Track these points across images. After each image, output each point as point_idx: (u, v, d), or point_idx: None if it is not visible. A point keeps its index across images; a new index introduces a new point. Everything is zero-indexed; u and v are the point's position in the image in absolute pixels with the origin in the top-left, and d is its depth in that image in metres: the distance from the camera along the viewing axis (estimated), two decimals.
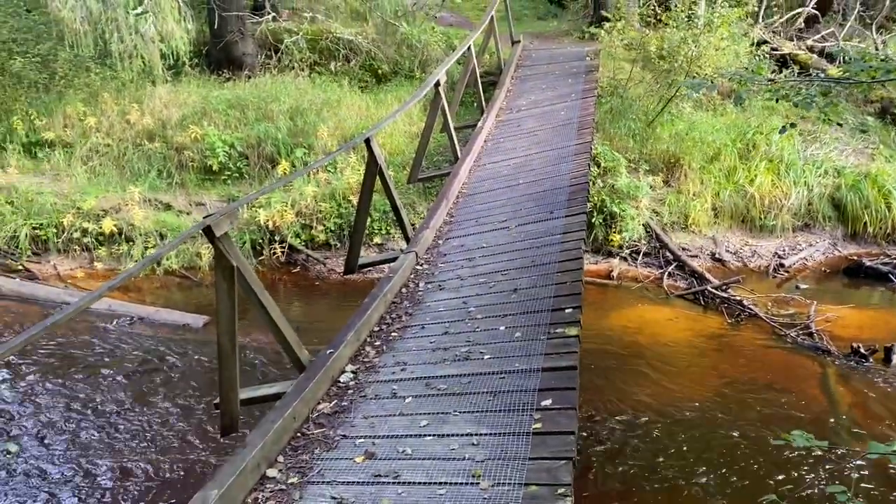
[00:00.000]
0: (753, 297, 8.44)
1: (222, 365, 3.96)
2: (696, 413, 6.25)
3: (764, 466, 5.53)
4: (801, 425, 6.06)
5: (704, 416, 6.22)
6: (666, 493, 5.26)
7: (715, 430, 6.01)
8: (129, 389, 6.74)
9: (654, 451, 5.73)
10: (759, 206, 10.09)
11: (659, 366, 7.06)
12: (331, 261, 9.51)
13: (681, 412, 6.27)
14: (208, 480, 2.95)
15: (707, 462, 5.60)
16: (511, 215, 6.31)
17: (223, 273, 3.82)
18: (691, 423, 6.10)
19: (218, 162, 9.93)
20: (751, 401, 6.46)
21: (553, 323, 4.26)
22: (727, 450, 5.75)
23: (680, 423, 6.09)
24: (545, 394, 3.53)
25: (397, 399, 3.76)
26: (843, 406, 6.44)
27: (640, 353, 7.31)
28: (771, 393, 6.62)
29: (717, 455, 5.69)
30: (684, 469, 5.54)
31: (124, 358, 7.32)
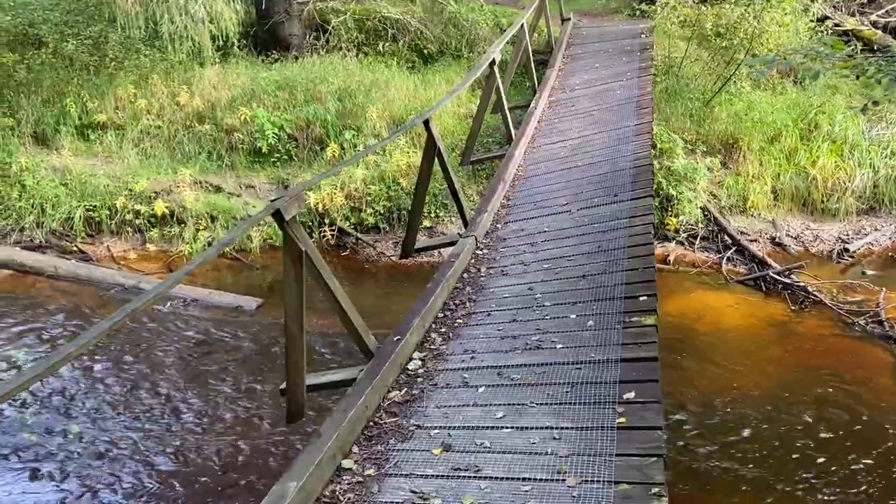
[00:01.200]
0: (817, 283, 8.13)
1: (289, 350, 3.89)
2: (764, 405, 6.04)
3: (838, 460, 5.31)
4: (875, 417, 5.85)
5: (772, 407, 6.00)
6: (736, 487, 5.08)
7: (783, 422, 5.80)
8: (185, 371, 6.77)
9: (721, 445, 5.54)
10: (821, 188, 9.71)
11: (721, 354, 6.85)
12: (380, 244, 9.43)
13: (747, 404, 6.06)
14: (284, 472, 2.87)
15: (778, 456, 5.40)
16: (572, 199, 6.12)
17: (291, 258, 3.74)
18: (759, 416, 5.88)
19: (267, 144, 9.89)
20: (820, 392, 6.22)
21: (628, 311, 4.10)
22: (796, 443, 5.54)
23: (746, 416, 5.89)
24: (627, 386, 3.38)
25: (470, 388, 3.65)
26: None
27: (700, 340, 7.09)
28: (840, 384, 6.36)
29: (786, 449, 5.48)
30: (755, 464, 5.35)
31: (180, 340, 7.35)
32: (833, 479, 5.15)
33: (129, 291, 8.40)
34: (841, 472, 5.21)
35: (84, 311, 7.93)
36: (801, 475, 5.18)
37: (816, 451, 5.42)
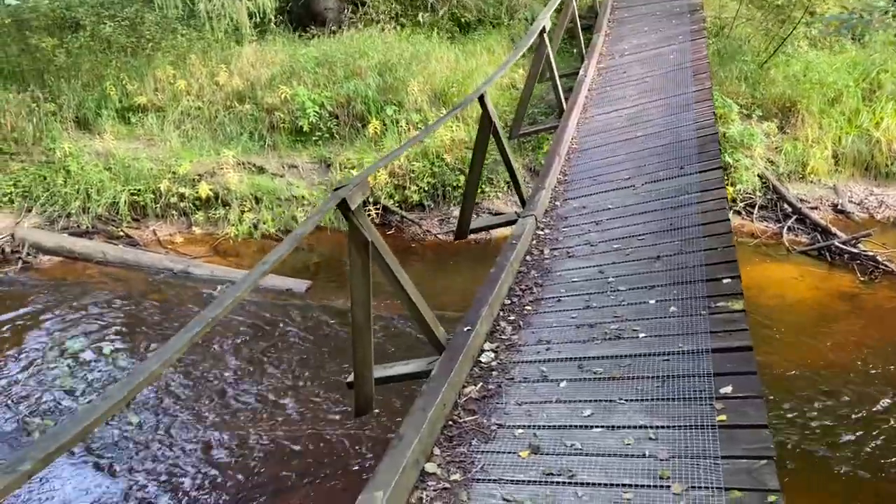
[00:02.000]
0: (887, 252, 7.75)
1: (357, 343, 3.74)
2: (840, 383, 5.77)
3: None
4: None
5: (847, 386, 5.73)
6: (820, 472, 4.85)
7: (861, 400, 5.53)
8: (240, 357, 6.70)
9: (797, 426, 5.30)
10: (885, 151, 9.26)
11: (789, 330, 6.56)
12: (426, 222, 9.25)
13: (821, 383, 5.79)
14: (369, 480, 2.73)
15: (858, 437, 5.14)
16: (634, 172, 5.84)
17: (357, 248, 3.57)
18: (836, 395, 5.62)
19: (308, 122, 9.71)
20: (893, 370, 5.92)
21: (711, 296, 3.85)
22: (881, 424, 5.27)
23: (823, 395, 5.63)
24: (722, 379, 3.15)
25: (550, 383, 3.46)
26: None
27: (766, 315, 6.80)
28: None
29: (869, 430, 5.22)
30: (833, 445, 5.11)
31: (231, 325, 7.28)
32: None
33: (178, 276, 8.36)
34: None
35: (135, 297, 7.91)
36: (888, 459, 4.92)
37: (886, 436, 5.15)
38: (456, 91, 9.88)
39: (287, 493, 4.91)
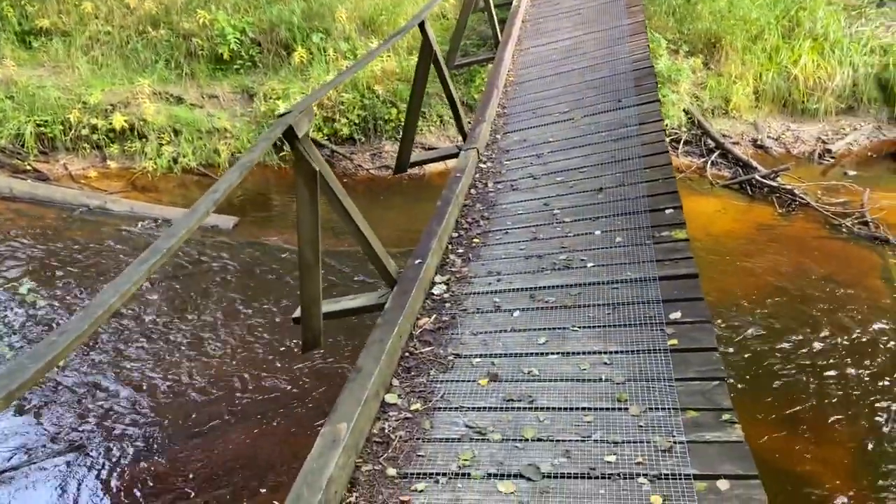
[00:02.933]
0: (803, 186, 8.13)
1: (304, 277, 3.64)
2: (761, 309, 6.08)
3: (840, 362, 5.40)
4: (869, 318, 5.96)
5: (770, 312, 6.05)
6: (742, 393, 5.13)
7: (782, 327, 5.85)
8: (169, 298, 6.47)
9: (733, 343, 5.59)
10: (801, 88, 9.60)
11: (714, 260, 6.83)
12: (357, 156, 9.05)
13: (744, 309, 6.09)
14: (331, 413, 2.69)
15: (779, 359, 5.47)
16: (573, 105, 5.84)
17: (305, 179, 3.44)
18: (757, 320, 5.92)
19: (229, 50, 9.23)
20: (814, 295, 6.28)
21: (655, 225, 3.94)
22: (797, 346, 5.61)
23: (744, 321, 5.92)
24: (671, 305, 3.25)
25: (503, 313, 3.48)
26: None
27: (693, 246, 7.04)
28: (833, 286, 6.43)
29: (789, 354, 5.55)
30: (755, 367, 5.41)
31: None
32: (834, 381, 5.24)
33: (95, 212, 7.94)
34: (842, 374, 5.30)
35: (49, 235, 7.47)
36: (805, 379, 5.25)
37: (817, 355, 5.49)
38: (386, 20, 9.58)
39: (230, 431, 4.84)
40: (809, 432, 4.84)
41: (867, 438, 4.72)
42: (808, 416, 4.96)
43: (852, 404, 5.03)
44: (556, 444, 2.57)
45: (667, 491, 2.28)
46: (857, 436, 4.76)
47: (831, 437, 4.80)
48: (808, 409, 5.04)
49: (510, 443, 2.61)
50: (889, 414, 4.88)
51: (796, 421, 4.90)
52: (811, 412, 5.01)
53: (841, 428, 4.86)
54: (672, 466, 2.37)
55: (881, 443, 4.68)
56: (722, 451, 2.39)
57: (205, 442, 4.82)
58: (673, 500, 2.24)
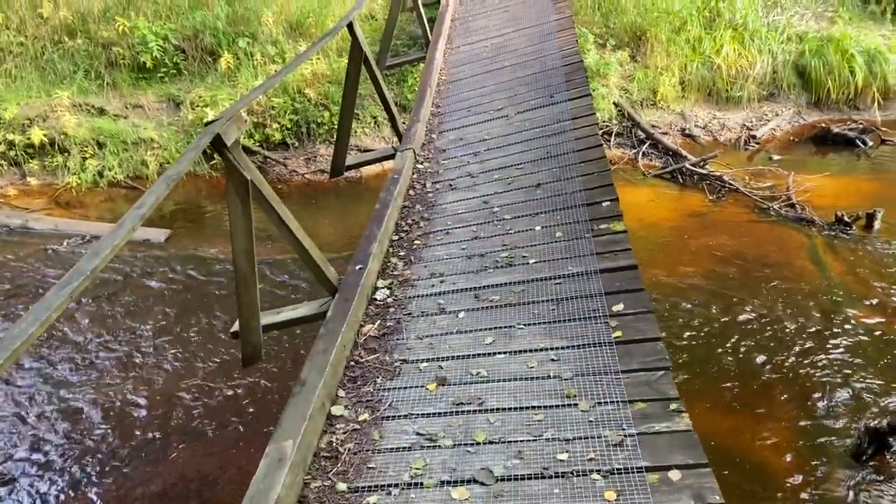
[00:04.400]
0: (731, 172, 8.36)
1: (241, 289, 3.54)
2: (699, 295, 6.21)
3: (777, 342, 5.57)
4: (800, 298, 6.16)
5: (707, 297, 6.19)
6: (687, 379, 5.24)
7: (721, 311, 5.99)
8: (101, 316, 6.21)
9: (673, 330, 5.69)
10: (725, 77, 9.87)
11: (650, 249, 6.96)
12: (291, 161, 8.89)
13: (682, 294, 6.22)
14: (276, 429, 2.60)
15: (720, 343, 5.59)
16: (506, 102, 5.85)
17: (236, 188, 3.33)
18: (695, 306, 6.05)
19: (152, 58, 8.93)
20: (747, 278, 6.46)
21: (593, 219, 3.97)
22: (735, 329, 5.75)
23: (684, 307, 6.04)
24: (613, 298, 3.27)
25: (449, 315, 3.44)
26: (836, 276, 6.51)
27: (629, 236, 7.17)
28: (764, 268, 6.63)
29: (728, 336, 5.68)
30: (697, 352, 5.53)
31: None
32: (773, 361, 5.40)
33: (16, 232, 7.57)
34: (779, 354, 5.46)
35: None
36: (746, 360, 5.39)
37: (756, 337, 5.64)
38: (313, 22, 9.43)
39: (172, 452, 4.66)
40: (752, 413, 4.96)
41: (807, 415, 4.87)
42: (750, 397, 5.08)
43: (791, 382, 5.18)
44: (508, 446, 2.54)
45: (620, 486, 2.28)
46: (799, 413, 4.90)
47: (774, 416, 4.93)
48: (749, 389, 5.16)
49: (462, 448, 2.57)
50: (825, 390, 5.05)
51: (739, 402, 5.02)
52: (753, 393, 5.13)
53: (782, 407, 5.00)
54: (624, 460, 2.37)
55: (821, 419, 4.83)
56: (672, 442, 2.40)
57: (146, 464, 4.63)
58: (626, 494, 2.24)
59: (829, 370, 5.26)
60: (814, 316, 5.85)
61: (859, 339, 5.55)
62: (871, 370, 5.24)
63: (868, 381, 5.13)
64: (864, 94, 9.75)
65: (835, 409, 4.92)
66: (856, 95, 9.83)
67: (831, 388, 5.06)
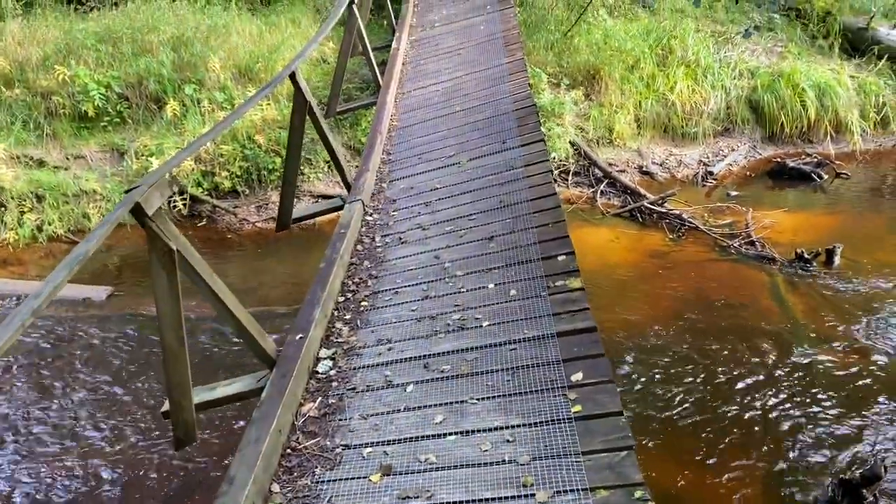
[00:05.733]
0: (690, 210, 8.28)
1: (170, 368, 3.23)
2: (661, 340, 6.04)
3: (742, 389, 5.40)
4: (764, 340, 6.02)
5: (669, 342, 6.01)
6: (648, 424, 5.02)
7: (684, 357, 5.82)
8: (31, 384, 5.79)
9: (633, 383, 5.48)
10: (679, 113, 9.88)
11: (611, 291, 6.79)
12: (241, 209, 8.58)
13: (643, 339, 6.04)
14: None
15: (683, 391, 5.40)
16: (458, 149, 5.67)
17: (160, 259, 3.05)
18: (656, 351, 5.87)
19: (94, 106, 8.60)
20: (710, 320, 6.31)
21: (549, 275, 3.75)
22: (698, 375, 5.57)
23: (644, 353, 5.86)
24: (572, 365, 3.04)
25: (395, 388, 3.18)
26: (798, 314, 6.41)
27: (588, 279, 6.97)
28: (727, 308, 6.50)
29: (689, 380, 5.50)
30: (662, 397, 5.33)
31: (18, 346, 6.29)
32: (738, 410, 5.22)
33: None
34: (744, 402, 5.29)
35: None
36: (710, 410, 5.20)
37: (719, 384, 5.47)
38: (262, 67, 9.22)
39: None
40: (715, 464, 4.76)
41: (775, 466, 4.68)
42: (712, 447, 4.88)
43: (757, 431, 5.00)
44: None
45: None
46: (766, 464, 4.71)
47: (740, 467, 4.73)
48: (713, 439, 4.96)
49: None
50: (793, 439, 4.87)
51: (701, 453, 4.81)
52: (716, 442, 4.93)
53: (748, 457, 4.80)
54: None
55: (790, 470, 4.64)
56: None
57: None
58: None
59: (796, 416, 5.10)
60: (779, 359, 5.71)
61: (826, 382, 5.41)
62: (838, 415, 5.10)
63: (837, 427, 4.98)
64: (817, 127, 9.82)
65: (804, 458, 4.75)
66: (809, 129, 9.90)
67: (799, 436, 4.89)
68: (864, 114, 9.96)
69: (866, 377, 5.42)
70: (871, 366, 5.53)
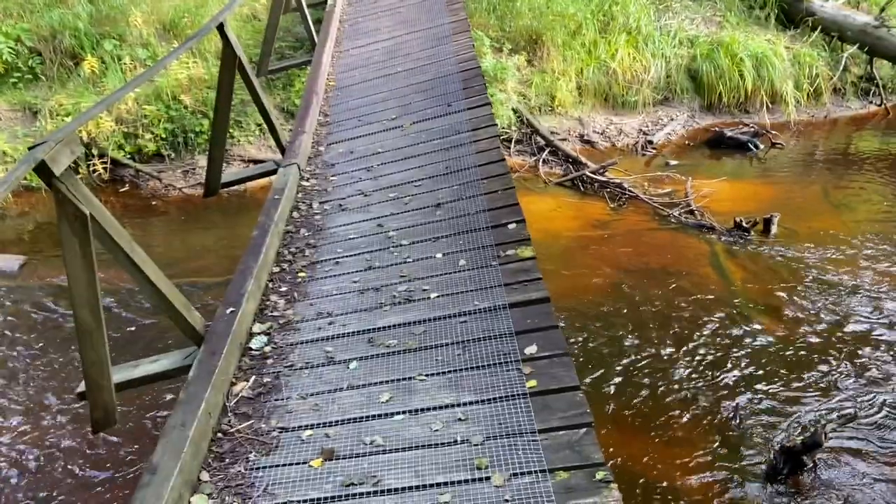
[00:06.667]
0: (631, 179, 8.24)
1: (85, 345, 2.91)
2: (602, 308, 5.98)
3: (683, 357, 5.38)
4: (704, 309, 6.04)
5: (613, 310, 5.96)
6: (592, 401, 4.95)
7: (626, 325, 5.77)
8: None
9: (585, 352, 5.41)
10: (620, 82, 9.79)
11: (554, 260, 6.68)
12: (166, 174, 8.10)
13: (585, 308, 5.97)
14: None
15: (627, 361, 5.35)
16: (400, 112, 5.40)
17: (71, 225, 2.71)
18: (599, 320, 5.81)
19: (2, 61, 7.93)
20: (651, 289, 6.28)
21: (500, 244, 3.57)
22: (641, 345, 5.53)
23: (586, 322, 5.79)
24: (525, 338, 2.88)
25: (338, 365, 2.95)
26: (738, 282, 6.45)
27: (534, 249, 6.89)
28: (667, 277, 6.49)
29: (634, 353, 5.45)
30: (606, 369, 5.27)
31: None
32: (681, 378, 5.20)
33: None
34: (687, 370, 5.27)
35: None
36: (654, 379, 5.17)
37: (661, 353, 5.44)
38: (189, 22, 8.66)
39: None
40: (661, 435, 4.73)
41: (719, 435, 4.68)
42: (657, 417, 4.85)
43: (700, 400, 4.99)
44: None
45: None
46: (710, 433, 4.71)
47: (684, 438, 4.71)
48: (657, 409, 4.93)
49: None
50: (735, 407, 4.88)
51: (646, 423, 4.78)
52: (660, 412, 4.90)
53: (692, 426, 4.79)
54: None
55: (733, 438, 4.65)
56: None
57: None
58: None
59: (738, 385, 5.11)
60: (719, 328, 5.72)
61: (766, 350, 5.44)
62: (778, 381, 5.13)
63: (777, 394, 5.01)
64: (754, 97, 9.91)
65: (747, 426, 4.76)
66: (746, 99, 9.99)
67: (741, 404, 4.90)
68: (798, 85, 10.09)
69: (804, 345, 5.48)
70: (809, 334, 5.59)
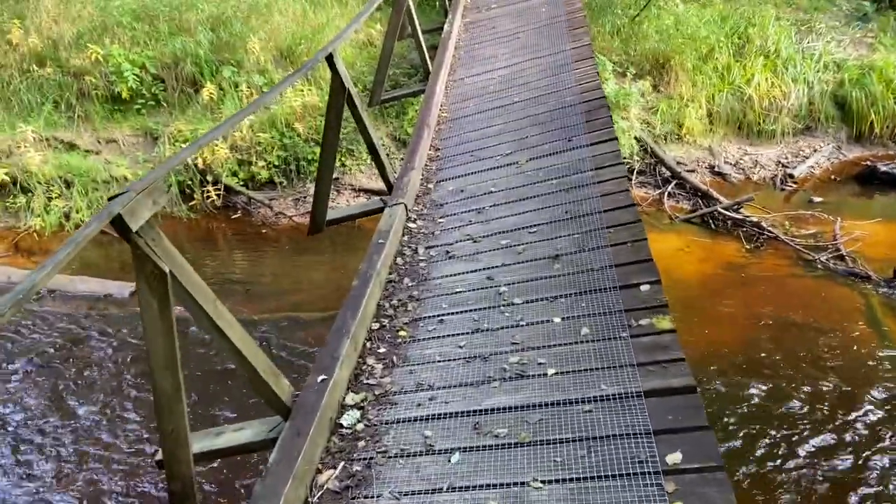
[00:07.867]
0: (769, 218, 7.42)
1: (162, 414, 2.64)
2: (736, 369, 5.28)
3: (834, 432, 4.62)
4: (861, 371, 5.22)
5: (746, 372, 5.25)
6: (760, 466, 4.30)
7: (765, 389, 5.05)
8: (40, 389, 5.33)
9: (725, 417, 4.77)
10: (756, 109, 8.97)
11: (682, 308, 6.01)
12: (277, 202, 8.04)
13: (716, 368, 5.29)
14: None
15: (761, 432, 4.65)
16: (516, 146, 4.96)
17: (150, 283, 2.44)
18: (732, 385, 5.12)
19: (128, 88, 8.14)
20: (794, 347, 5.51)
21: (630, 309, 3.04)
22: (782, 415, 4.81)
23: (717, 386, 5.11)
24: (666, 441, 2.34)
25: (438, 457, 2.52)
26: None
27: None
28: (813, 333, 5.70)
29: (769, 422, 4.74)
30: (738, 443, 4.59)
31: (34, 347, 5.84)
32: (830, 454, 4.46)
33: None
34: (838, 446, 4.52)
35: None
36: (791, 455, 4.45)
37: (806, 426, 4.70)
38: (305, 49, 8.64)
39: None
40: None
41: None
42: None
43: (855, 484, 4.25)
44: None
45: None
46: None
47: None
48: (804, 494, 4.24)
49: None
50: None
51: None
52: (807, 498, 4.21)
53: None
54: None
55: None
56: None
57: None
58: None
59: None
60: (878, 398, 4.90)
61: None
62: None
63: None
64: None
65: None
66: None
67: None
68: None
69: None
70: None
